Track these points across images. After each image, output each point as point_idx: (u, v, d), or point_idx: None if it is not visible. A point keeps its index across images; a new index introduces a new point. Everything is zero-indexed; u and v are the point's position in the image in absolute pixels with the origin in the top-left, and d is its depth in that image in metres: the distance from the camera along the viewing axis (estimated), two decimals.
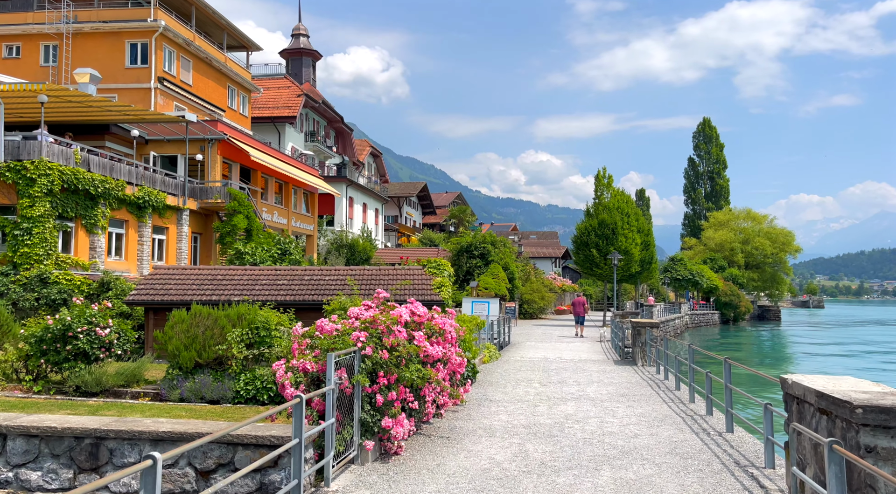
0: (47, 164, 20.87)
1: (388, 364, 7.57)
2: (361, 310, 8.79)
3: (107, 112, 25.88)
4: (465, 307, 24.99)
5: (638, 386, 13.58)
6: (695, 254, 74.75)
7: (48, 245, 20.97)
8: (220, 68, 39.70)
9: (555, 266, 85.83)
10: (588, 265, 36.84)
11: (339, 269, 19.90)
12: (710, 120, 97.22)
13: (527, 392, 12.67)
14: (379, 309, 9.18)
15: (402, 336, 7.89)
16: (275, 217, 36.63)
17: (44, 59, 34.36)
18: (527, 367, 16.74)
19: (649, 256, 39.25)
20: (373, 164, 72.25)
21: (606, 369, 16.67)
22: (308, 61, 58.74)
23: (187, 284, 18.50)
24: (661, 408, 10.93)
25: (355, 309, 8.81)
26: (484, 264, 41.65)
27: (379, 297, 9.81)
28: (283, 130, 49.33)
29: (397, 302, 9.87)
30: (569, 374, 15.47)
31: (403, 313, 8.50)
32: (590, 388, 13.29)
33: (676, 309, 56.15)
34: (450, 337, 9.16)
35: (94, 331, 12.69)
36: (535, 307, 45.87)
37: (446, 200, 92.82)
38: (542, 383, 13.93)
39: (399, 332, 7.88)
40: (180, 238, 28.89)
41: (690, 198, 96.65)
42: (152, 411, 11.29)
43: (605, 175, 37.48)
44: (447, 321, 9.92)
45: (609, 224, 35.42)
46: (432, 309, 10.25)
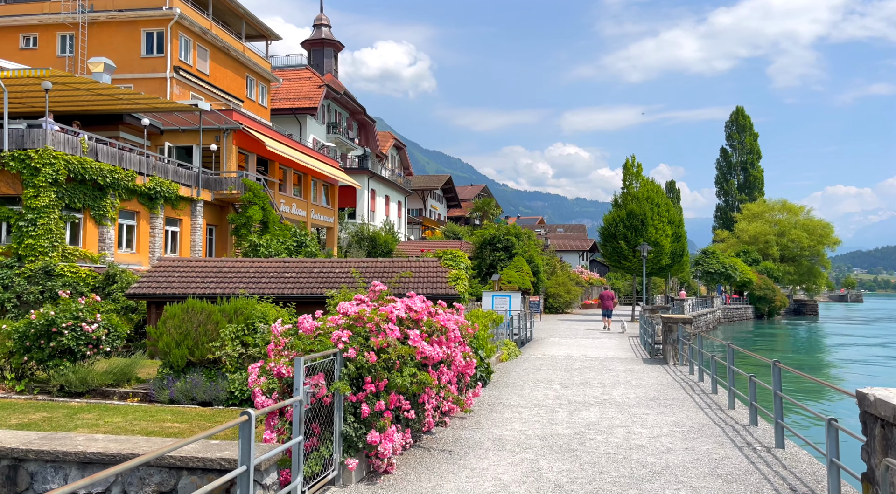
0: (52, 153, 20.22)
1: (377, 368, 6.48)
2: (351, 305, 7.73)
3: (117, 100, 25.22)
4: (485, 301, 23.86)
5: (669, 389, 12.32)
6: (727, 247, 72.47)
7: (53, 236, 20.34)
8: (238, 58, 39.00)
9: (582, 259, 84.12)
10: (616, 257, 35.40)
11: (350, 261, 18.91)
12: (743, 109, 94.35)
13: (545, 395, 11.50)
14: (376, 303, 8.12)
15: (394, 335, 6.80)
16: (293, 209, 35.85)
17: (60, 50, 33.98)
18: (548, 366, 15.56)
19: (680, 248, 37.63)
20: (396, 157, 71.32)
21: (634, 368, 15.41)
22: (330, 52, 57.92)
23: (191, 277, 17.68)
24: (696, 416, 9.69)
25: (345, 304, 7.76)
26: (508, 257, 40.44)
27: (375, 290, 8.74)
28: (305, 122, 48.59)
29: (398, 296, 8.81)
30: (593, 374, 14.26)
31: (398, 308, 7.41)
32: (616, 391, 12.07)
33: (708, 304, 54.26)
34: (453, 336, 8.04)
35: (80, 327, 11.85)
36: (560, 301, 44.51)
37: (471, 193, 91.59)
38: (564, 384, 12.74)
39: (390, 331, 6.79)
40: (194, 230, 28.21)
41: (723, 189, 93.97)
42: (134, 414, 10.42)
43: (633, 163, 35.93)
44: (454, 317, 8.81)
45: (638, 214, 33.93)
46: (437, 305, 9.16)
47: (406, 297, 8.12)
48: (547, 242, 69.91)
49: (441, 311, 8.82)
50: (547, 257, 50.71)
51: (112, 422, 9.68)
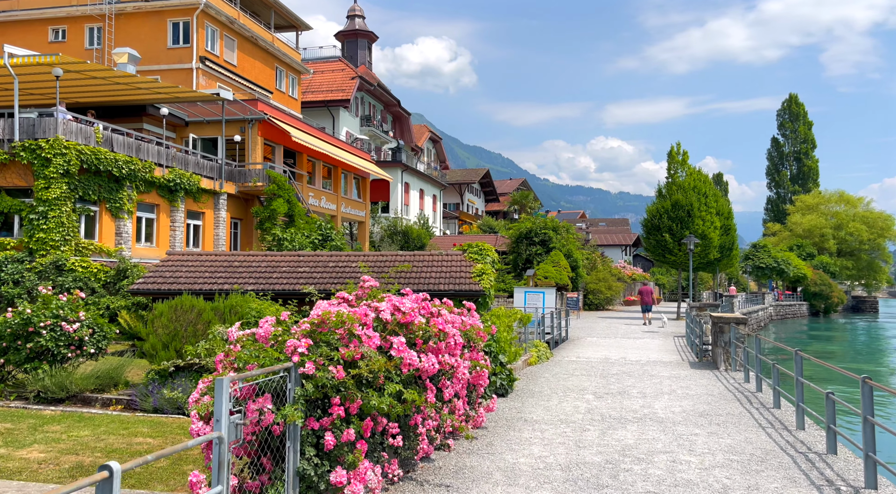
0: (63, 143, 19.45)
1: (347, 386, 5.07)
2: (330, 305, 6.35)
3: (136, 90, 24.45)
4: (516, 298, 22.30)
5: (722, 401, 10.62)
6: (779, 241, 69.01)
7: (66, 230, 19.58)
8: (266, 48, 38.15)
9: (625, 254, 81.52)
10: (660, 251, 33.32)
11: (368, 255, 17.60)
12: (796, 96, 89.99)
13: (575, 408, 9.94)
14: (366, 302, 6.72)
15: (372, 343, 5.37)
16: (322, 202, 34.83)
17: (88, 42, 33.62)
18: (581, 371, 13.95)
19: (730, 241, 35.28)
20: (432, 150, 70.00)
21: (680, 374, 13.68)
22: (364, 43, 56.83)
23: (199, 271, 16.62)
24: (758, 438, 8.02)
25: (323, 304, 6.39)
26: (545, 251, 38.71)
27: (364, 287, 7.34)
28: (337, 115, 47.62)
29: (400, 293, 7.41)
30: (633, 381, 12.61)
31: (383, 309, 5.99)
32: (658, 403, 10.43)
33: (759, 300, 51.47)
34: (453, 343, 6.57)
35: (60, 326, 10.79)
36: (601, 297, 42.54)
37: (510, 187, 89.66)
38: (598, 394, 11.15)
39: (367, 338, 5.37)
40: (218, 223, 27.36)
41: (774, 180, 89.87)
42: (107, 426, 9.25)
43: (679, 151, 33.74)
44: (460, 319, 7.35)
45: (684, 205, 31.78)
46: (441, 304, 7.72)
47: (397, 295, 6.70)
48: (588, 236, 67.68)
49: (445, 312, 7.37)
50: (587, 252, 48.71)
51: (76, 437, 8.54)
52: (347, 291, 7.72)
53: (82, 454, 7.74)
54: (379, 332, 5.85)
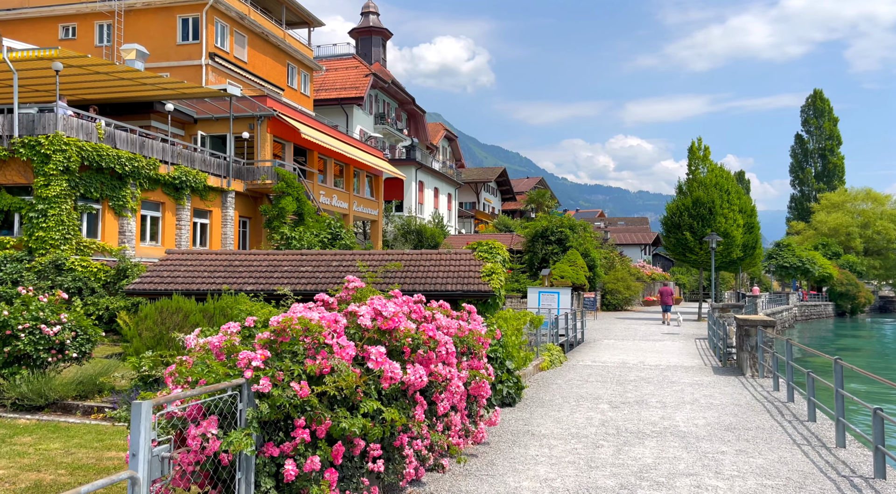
0: (63, 139, 18.96)
1: (313, 406, 4.31)
2: (305, 309, 5.61)
3: (142, 86, 23.96)
4: (530, 299, 21.47)
5: (751, 412, 9.72)
6: (804, 240, 67.30)
7: (66, 228, 19.09)
8: (278, 44, 37.61)
9: (644, 253, 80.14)
10: (680, 250, 32.23)
11: (374, 254, 16.87)
12: (821, 92, 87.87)
13: (588, 419, 9.11)
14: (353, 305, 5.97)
15: (345, 354, 4.61)
16: (334, 201, 34.22)
17: (98, 39, 33.30)
18: (596, 377, 13.09)
19: (753, 240, 34.07)
20: (448, 148, 69.27)
21: (703, 381, 12.77)
22: (378, 40, 56.22)
23: (198, 271, 16.00)
24: (793, 458, 7.15)
25: (299, 307, 5.65)
26: (561, 250, 37.78)
27: (349, 288, 6.59)
28: (351, 112, 47.03)
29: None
30: (652, 389, 11.73)
31: (362, 313, 5.22)
32: (680, 414, 9.56)
33: (784, 300, 50.04)
34: (444, 352, 5.78)
35: (40, 329, 10.18)
36: (619, 298, 41.49)
37: (527, 186, 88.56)
38: (613, 403, 10.30)
39: (339, 348, 4.60)
40: (225, 222, 26.83)
41: (798, 178, 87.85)
42: (82, 438, 8.56)
43: (700, 147, 32.61)
44: (455, 324, 6.56)
45: (705, 202, 30.67)
46: (437, 306, 6.95)
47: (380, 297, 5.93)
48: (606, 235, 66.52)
49: (441, 315, 6.60)
50: (605, 251, 47.65)
51: (45, 450, 7.89)
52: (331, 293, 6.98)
53: (45, 471, 7.07)
54: (356, 340, 5.09)
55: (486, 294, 14.50)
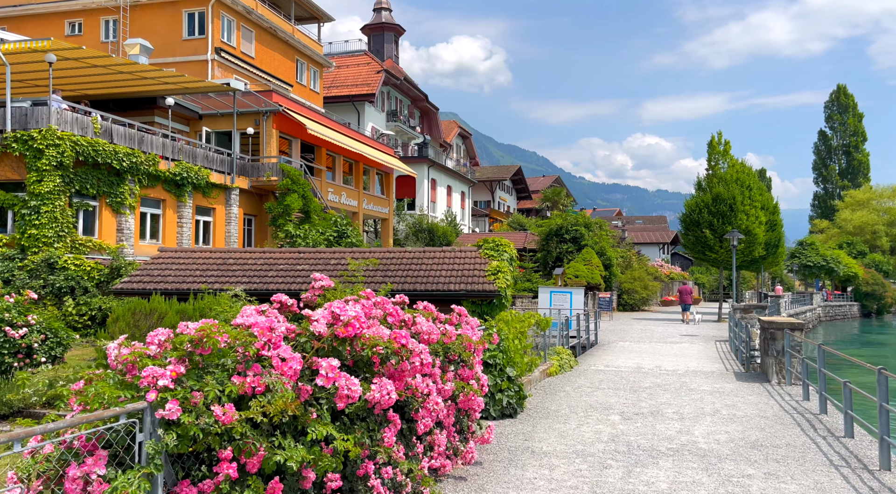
0: (56, 133, 18.36)
1: (239, 434, 3.46)
2: (259, 311, 4.79)
3: (142, 80, 23.35)
4: (541, 298, 20.52)
5: (779, 426, 8.74)
6: (827, 238, 65.52)
7: (59, 225, 18.49)
8: (286, 40, 36.97)
9: (663, 252, 78.69)
10: (699, 249, 31.06)
11: (374, 251, 16.05)
12: (845, 87, 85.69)
13: (597, 434, 8.19)
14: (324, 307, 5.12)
15: (288, 368, 3.76)
16: (343, 198, 33.48)
17: (104, 35, 32.87)
18: (608, 383, 12.14)
19: (776, 238, 32.81)
20: (462, 146, 68.41)
21: (725, 388, 11.78)
22: (390, 37, 55.47)
23: (190, 270, 15.29)
24: (833, 484, 6.19)
25: (250, 309, 4.83)
26: (576, 249, 36.77)
27: (315, 287, 5.75)
28: (363, 109, 46.32)
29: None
30: (668, 397, 10.77)
31: (316, 319, 4.37)
32: (699, 427, 8.61)
33: (807, 301, 48.54)
34: (419, 363, 4.89)
35: (4, 332, 9.46)
36: (636, 297, 40.33)
37: (543, 184, 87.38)
38: (625, 414, 9.36)
39: (279, 362, 3.75)
40: (229, 220, 26.18)
41: (821, 175, 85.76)
42: None
43: (720, 141, 31.41)
44: (437, 330, 5.69)
45: (726, 199, 29.47)
46: (420, 309, 6.11)
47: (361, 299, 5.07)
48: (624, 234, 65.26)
49: (422, 319, 5.74)
50: (622, 250, 46.49)
51: None
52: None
53: None
54: (307, 351, 4.24)
55: (490, 294, 13.62)
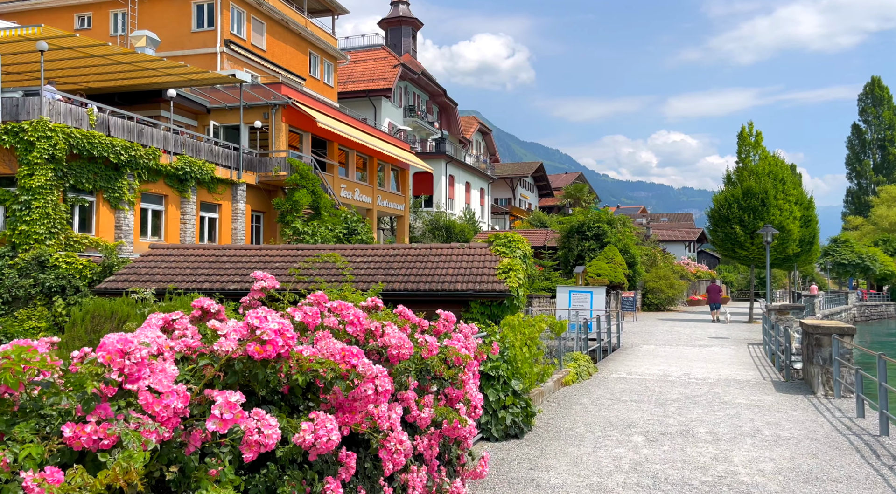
0: (48, 125, 17.53)
1: None
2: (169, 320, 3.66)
3: (143, 71, 22.52)
4: (559, 298, 19.25)
5: (834, 451, 7.41)
6: (862, 236, 63.06)
7: (52, 221, 17.66)
8: (299, 32, 36.04)
9: (688, 250, 76.63)
10: (728, 245, 29.45)
11: (377, 248, 14.91)
12: (879, 79, 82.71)
13: (616, 460, 6.94)
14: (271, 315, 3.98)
15: (163, 408, 2.60)
16: (356, 195, 32.45)
17: (113, 28, 32.22)
18: (631, 394, 10.85)
19: (811, 235, 31.06)
20: (482, 142, 67.15)
21: (764, 402, 10.43)
22: (408, 30, 54.40)
23: (181, 267, 14.29)
24: None
25: (157, 317, 3.70)
26: (598, 247, 35.35)
27: (255, 289, 4.60)
28: (379, 105, 45.31)
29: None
30: (699, 412, 9.47)
31: (223, 332, 3.21)
32: (738, 452, 7.32)
33: (842, 300, 46.47)
34: (372, 392, 3.68)
35: None
36: (661, 297, 38.75)
37: (565, 181, 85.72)
38: (650, 435, 8.10)
39: (153, 399, 2.59)
40: (236, 216, 25.27)
41: (855, 170, 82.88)
42: None
43: (751, 132, 29.74)
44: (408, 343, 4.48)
45: (757, 193, 27.83)
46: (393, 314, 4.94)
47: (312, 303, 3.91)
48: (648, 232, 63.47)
49: (392, 329, 4.56)
50: (647, 247, 44.89)
51: None
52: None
53: None
54: (196, 380, 3.08)
55: (500, 294, 12.41)
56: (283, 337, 3.19)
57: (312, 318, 3.88)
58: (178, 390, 2.71)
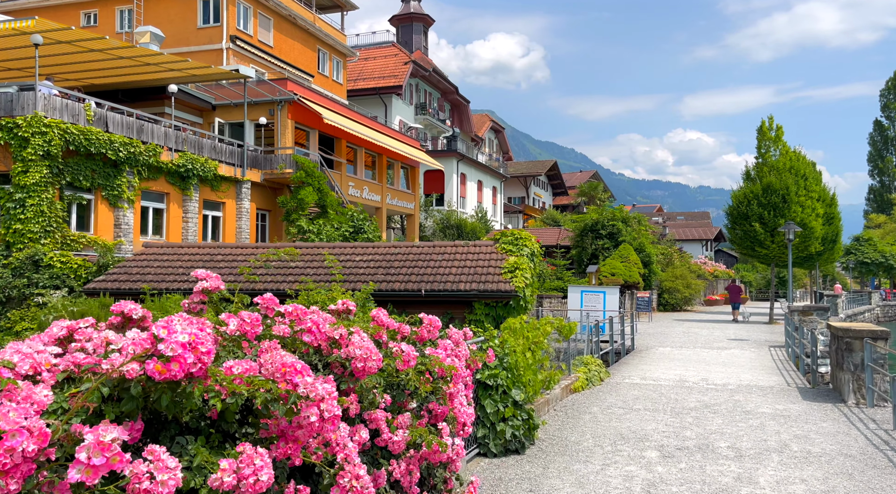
0: (43, 121, 17.06)
1: None
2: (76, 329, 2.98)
3: (144, 66, 22.02)
4: (570, 298, 18.51)
5: (871, 470, 6.63)
6: (885, 234, 61.45)
7: (47, 219, 17.19)
8: (307, 28, 35.52)
9: (706, 249, 75.35)
10: (748, 244, 28.47)
11: (378, 246, 14.25)
12: None
13: (627, 481, 6.21)
14: None
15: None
16: (365, 193, 31.86)
17: (119, 25, 31.90)
18: (645, 402, 10.10)
19: (833, 233, 29.99)
20: (494, 140, 66.40)
21: (790, 411, 9.63)
22: (419, 27, 53.76)
23: (173, 267, 13.72)
24: None
25: (60, 325, 3.05)
26: (613, 245, 34.49)
27: (196, 291, 3.94)
28: (390, 102, 44.73)
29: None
30: (720, 423, 8.70)
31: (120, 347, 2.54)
32: (765, 472, 6.56)
33: (865, 300, 45.19)
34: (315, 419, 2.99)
35: None
36: (678, 297, 37.78)
37: (580, 180, 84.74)
38: (666, 449, 7.35)
39: None
40: (240, 215, 24.74)
41: (877, 167, 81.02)
42: None
43: (771, 126, 28.73)
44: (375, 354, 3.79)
45: (777, 189, 26.84)
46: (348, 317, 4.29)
47: None
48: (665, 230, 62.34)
49: (359, 337, 3.89)
50: (663, 246, 43.90)
51: None
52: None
53: None
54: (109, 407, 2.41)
55: (506, 294, 11.70)
56: (194, 353, 2.51)
57: (252, 326, 3.21)
58: (32, 426, 2.04)
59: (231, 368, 2.83)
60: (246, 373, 2.82)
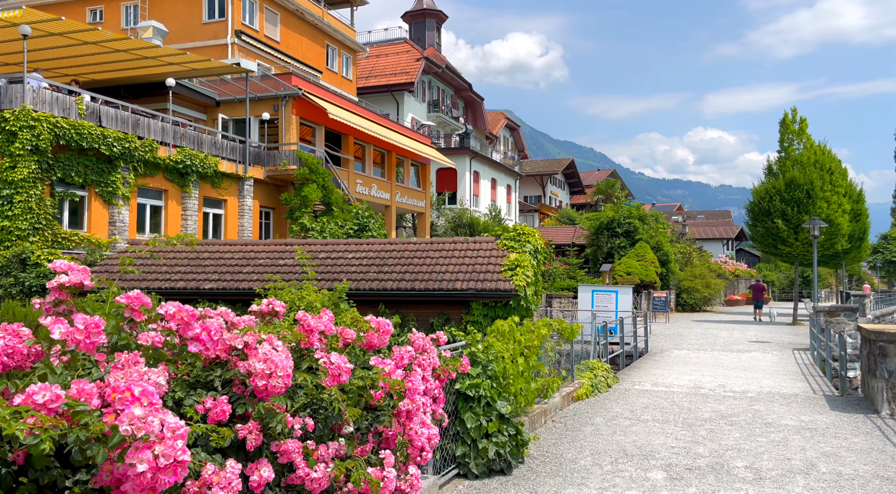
0: (32, 114, 16.51)
1: None
2: None
3: (142, 60, 21.44)
4: (581, 298, 17.58)
5: None
6: None
7: (36, 216, 16.64)
8: (315, 23, 34.89)
9: (727, 248, 73.77)
10: (770, 241, 27.26)
11: (373, 243, 13.46)
12: None
13: None
14: None
15: None
16: (373, 190, 31.13)
17: (125, 21, 31.52)
18: (654, 412, 9.17)
19: (861, 230, 28.67)
20: (509, 139, 65.48)
21: (817, 423, 8.66)
22: (432, 24, 53.00)
23: (157, 265, 13.06)
24: None
25: None
26: (629, 244, 33.45)
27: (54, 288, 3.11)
28: (402, 99, 44.03)
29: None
30: (737, 438, 7.76)
31: None
32: None
33: (894, 300, 43.55)
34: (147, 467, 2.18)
35: None
36: (697, 297, 36.55)
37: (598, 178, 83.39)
38: (673, 470, 6.44)
39: None
40: (242, 212, 24.12)
41: None
42: None
43: (795, 119, 27.48)
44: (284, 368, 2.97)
45: (801, 184, 25.62)
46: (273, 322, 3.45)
47: None
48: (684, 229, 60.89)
49: (273, 345, 3.06)
50: (682, 245, 42.69)
51: None
52: None
53: None
54: None
55: (505, 293, 10.84)
56: None
57: (87, 335, 2.40)
58: None
59: (32, 395, 2.02)
60: (51, 403, 2.01)
